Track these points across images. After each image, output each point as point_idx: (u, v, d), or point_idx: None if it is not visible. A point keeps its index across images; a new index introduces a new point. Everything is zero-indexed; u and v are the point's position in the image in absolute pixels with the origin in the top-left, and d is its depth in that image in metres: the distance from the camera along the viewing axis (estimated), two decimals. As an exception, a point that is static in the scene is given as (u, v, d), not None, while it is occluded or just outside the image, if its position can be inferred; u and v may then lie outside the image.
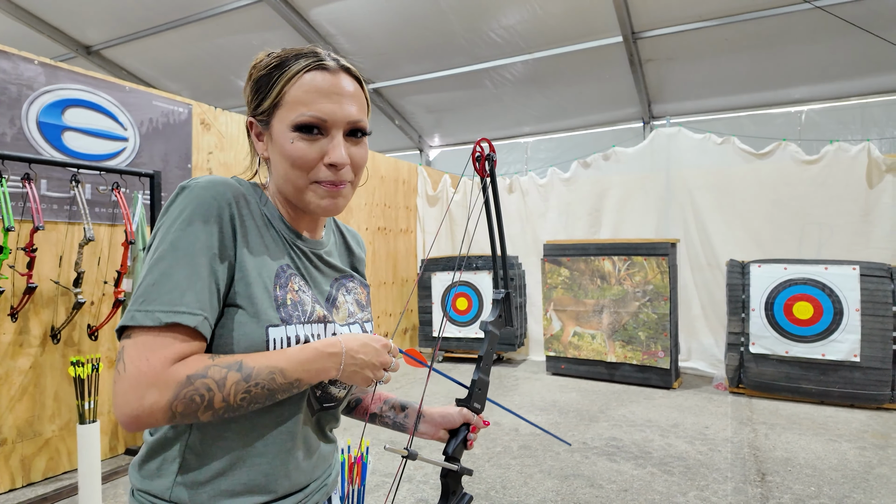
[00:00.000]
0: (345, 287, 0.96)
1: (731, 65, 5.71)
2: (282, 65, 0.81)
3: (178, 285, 0.70)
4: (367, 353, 0.81)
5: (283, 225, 0.87)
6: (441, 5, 5.39)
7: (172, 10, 5.61)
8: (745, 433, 3.51)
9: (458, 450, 0.95)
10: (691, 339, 5.20)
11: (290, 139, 0.79)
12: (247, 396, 0.72)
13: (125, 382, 0.67)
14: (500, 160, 7.51)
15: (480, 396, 0.98)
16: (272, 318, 0.77)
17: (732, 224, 4.98)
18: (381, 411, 1.05)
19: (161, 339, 0.68)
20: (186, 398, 0.68)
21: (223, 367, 0.71)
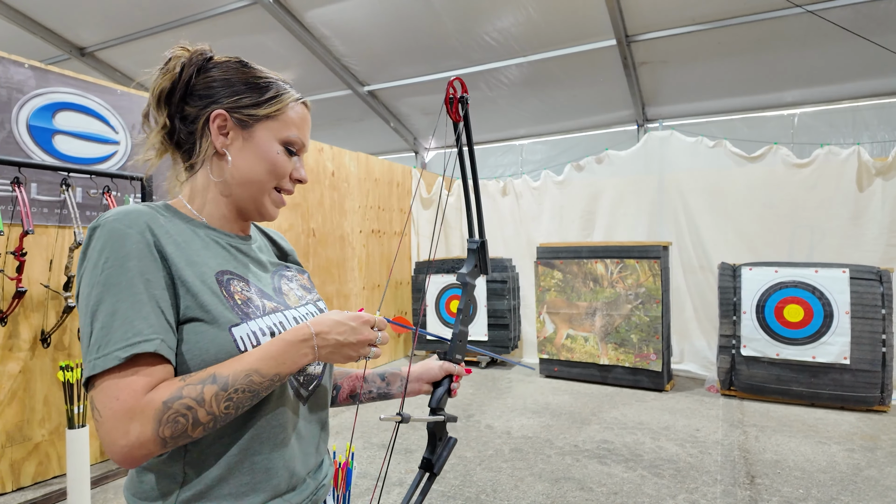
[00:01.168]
0: (285, 277, 0.99)
1: (724, 68, 5.74)
2: (280, 86, 0.91)
3: (126, 319, 0.71)
4: (342, 333, 0.82)
5: (209, 229, 0.89)
6: (435, 8, 5.40)
7: (167, 11, 5.61)
8: (735, 435, 3.53)
9: (442, 400, 0.99)
10: (684, 342, 5.22)
11: (276, 150, 0.89)
12: (231, 404, 0.73)
13: (105, 425, 0.69)
14: (496, 162, 7.52)
15: (461, 348, 1.02)
16: (232, 318, 0.79)
17: (724, 227, 5.01)
18: (362, 389, 1.09)
19: (125, 376, 0.70)
20: (170, 422, 0.69)
21: (196, 383, 0.72)
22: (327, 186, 5.03)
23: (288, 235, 4.55)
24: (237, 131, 0.88)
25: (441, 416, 0.96)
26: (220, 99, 0.87)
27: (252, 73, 0.90)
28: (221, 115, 0.87)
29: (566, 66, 6.05)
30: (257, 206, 0.91)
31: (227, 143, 0.87)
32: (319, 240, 4.92)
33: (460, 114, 1.03)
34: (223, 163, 0.89)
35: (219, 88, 0.88)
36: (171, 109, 0.89)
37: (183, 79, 0.88)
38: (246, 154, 0.88)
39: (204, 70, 0.89)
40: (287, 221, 4.55)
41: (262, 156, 0.88)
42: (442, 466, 0.96)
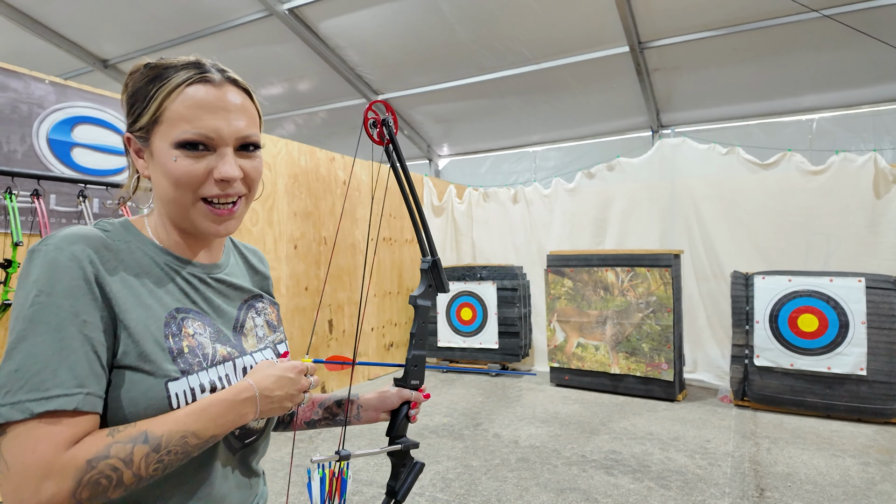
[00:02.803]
0: (254, 308, 0.91)
1: (739, 73, 5.69)
2: (160, 76, 0.75)
3: (47, 365, 0.63)
4: (283, 387, 0.79)
5: (169, 256, 0.80)
6: (448, 18, 5.46)
7: (187, 24, 5.76)
8: (746, 447, 3.48)
9: (401, 426, 0.98)
10: (697, 351, 5.16)
11: (172, 157, 0.74)
12: (160, 466, 0.67)
13: (14, 480, 0.60)
14: (509, 169, 7.54)
15: (417, 373, 1.00)
16: (170, 372, 0.72)
17: (737, 235, 4.95)
18: (319, 416, 1.04)
19: (43, 426, 0.62)
20: (91, 482, 0.62)
21: (126, 442, 0.65)
22: (339, 195, 5.10)
23: (300, 243, 4.63)
24: (145, 151, 0.79)
25: (398, 445, 0.94)
26: (127, 121, 0.81)
27: (135, 76, 0.78)
28: (126, 137, 0.80)
29: (579, 73, 6.05)
30: (190, 226, 0.79)
31: (144, 165, 0.80)
32: (331, 247, 4.98)
33: (385, 137, 0.98)
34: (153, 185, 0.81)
35: (126, 109, 0.80)
36: None
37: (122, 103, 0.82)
38: (155, 173, 0.78)
39: (124, 90, 0.81)
40: (299, 230, 4.62)
41: (162, 171, 0.76)
42: (406, 493, 0.94)
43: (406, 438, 0.96)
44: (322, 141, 7.76)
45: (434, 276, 1.00)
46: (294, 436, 0.99)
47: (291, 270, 4.53)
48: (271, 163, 4.39)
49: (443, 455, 3.37)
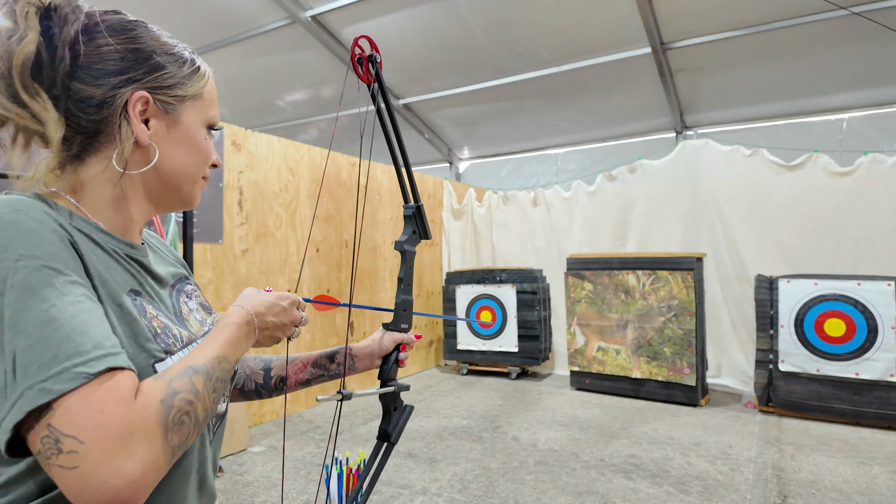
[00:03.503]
0: (184, 293, 0.84)
1: (765, 73, 5.59)
2: (194, 60, 0.77)
3: (74, 327, 0.54)
4: (276, 314, 0.79)
5: (110, 237, 0.70)
6: (468, 22, 5.49)
7: (212, 33, 5.91)
8: (770, 453, 3.42)
9: (392, 370, 0.99)
10: (721, 356, 5.08)
11: (203, 135, 0.77)
12: (215, 395, 0.64)
13: (94, 452, 0.50)
14: (530, 171, 7.53)
15: (406, 317, 1.02)
16: (154, 352, 0.66)
17: (762, 237, 4.86)
18: (312, 374, 1.03)
19: (101, 386, 0.53)
20: (175, 423, 0.57)
21: (181, 376, 0.60)
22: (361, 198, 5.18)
23: (322, 247, 4.71)
24: (160, 117, 0.72)
25: (391, 388, 0.96)
26: (135, 76, 0.69)
27: (159, 40, 0.73)
28: (144, 97, 0.70)
29: (600, 75, 6.02)
30: (184, 198, 0.78)
31: (150, 133, 0.71)
32: (352, 250, 5.05)
33: (371, 74, 0.96)
34: (141, 154, 0.71)
35: (129, 62, 0.69)
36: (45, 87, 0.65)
37: (62, 44, 0.64)
38: (172, 143, 0.73)
39: (91, 33, 0.68)
40: (321, 233, 4.70)
41: (192, 144, 0.75)
42: (399, 435, 0.97)
43: (397, 382, 0.98)
44: (344, 146, 7.87)
45: (418, 222, 1.02)
46: (285, 397, 1.01)
47: (314, 273, 4.61)
48: (294, 168, 4.48)
49: (461, 457, 3.39)
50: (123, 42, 0.70)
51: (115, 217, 0.71)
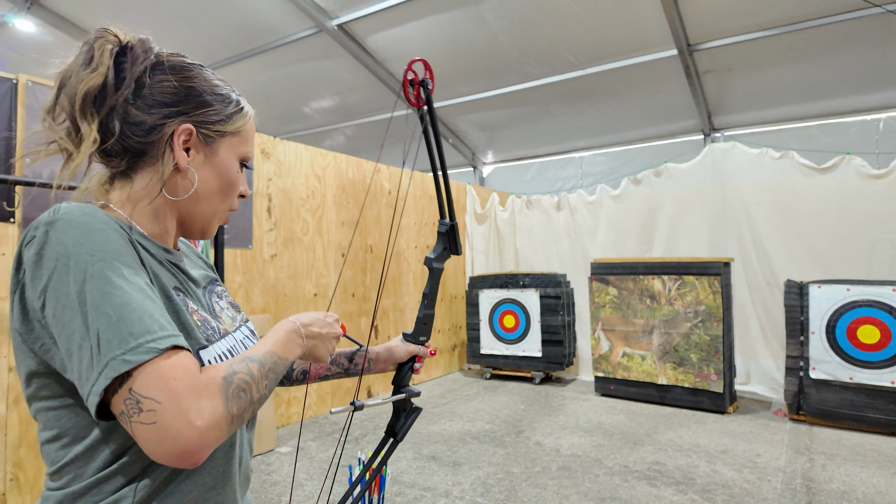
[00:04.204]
0: (215, 293, 0.93)
1: (796, 73, 5.48)
2: (238, 97, 0.87)
3: (145, 311, 0.63)
4: (321, 326, 0.85)
5: (152, 243, 0.79)
6: (492, 27, 5.52)
7: (241, 42, 6.07)
8: (800, 463, 3.35)
9: (405, 378, 1.05)
10: (750, 362, 4.98)
11: (236, 167, 0.85)
12: (268, 383, 0.72)
13: (170, 409, 0.59)
14: (554, 176, 7.52)
15: (426, 330, 1.07)
16: (200, 340, 0.75)
17: (792, 242, 4.75)
18: (331, 371, 1.12)
19: (171, 359, 0.62)
20: (234, 395, 0.65)
21: (240, 361, 0.70)
22: (384, 205, 5.25)
23: (347, 252, 4.80)
24: (200, 147, 0.81)
25: (403, 395, 1.02)
26: (185, 110, 0.80)
27: (210, 82, 0.83)
28: (188, 129, 0.79)
29: (626, 78, 5.98)
30: (204, 226, 0.86)
31: (188, 160, 0.80)
32: (376, 255, 5.13)
33: (422, 98, 0.99)
34: (179, 179, 0.81)
35: (181, 97, 0.80)
36: (104, 114, 0.75)
37: (130, 77, 0.76)
38: (206, 172, 0.82)
39: (156, 70, 0.79)
40: (346, 238, 4.79)
41: (223, 175, 0.83)
42: (405, 433, 1.03)
43: (409, 388, 1.04)
44: (370, 151, 7.98)
45: (450, 239, 1.06)
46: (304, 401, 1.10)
47: (339, 277, 4.70)
48: (321, 175, 4.58)
49: (484, 461, 3.42)
50: (180, 80, 0.80)
51: (154, 228, 0.81)
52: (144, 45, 0.79)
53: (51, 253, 0.63)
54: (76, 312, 0.61)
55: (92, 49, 0.75)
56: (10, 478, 2.70)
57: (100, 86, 0.74)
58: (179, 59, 0.82)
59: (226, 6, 5.46)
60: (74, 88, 0.74)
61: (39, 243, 0.64)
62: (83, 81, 0.73)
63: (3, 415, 2.69)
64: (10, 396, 2.72)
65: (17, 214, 2.76)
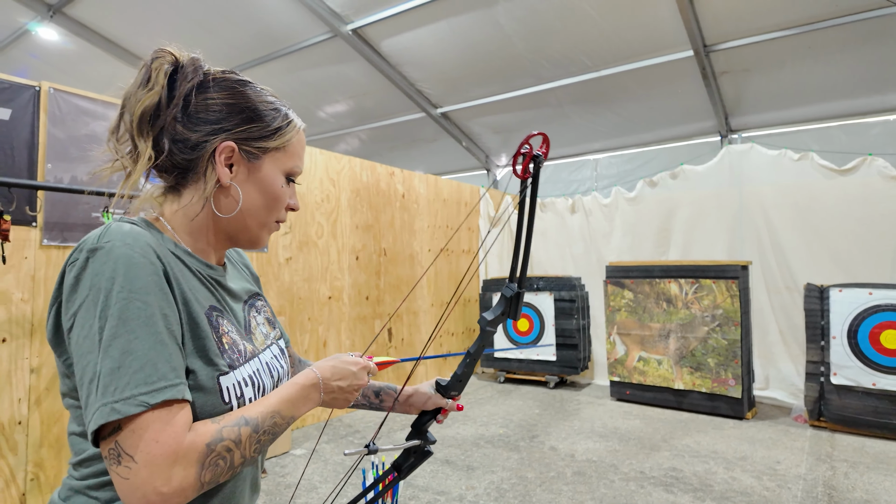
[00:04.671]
0: (255, 308, 0.95)
1: (816, 73, 5.38)
2: (285, 112, 0.87)
3: (147, 360, 0.65)
4: (344, 378, 0.84)
5: (195, 259, 0.82)
6: (506, 30, 5.52)
7: (259, 48, 6.14)
8: (821, 470, 3.28)
9: (426, 424, 1.04)
10: (769, 367, 4.90)
11: (280, 182, 0.85)
12: (258, 446, 0.73)
13: (142, 472, 0.62)
14: (569, 178, 7.47)
15: (459, 386, 1.05)
16: (221, 366, 0.76)
17: (812, 245, 4.67)
18: (357, 401, 1.12)
19: (156, 417, 0.64)
20: (211, 464, 0.67)
21: (232, 425, 0.70)
22: (398, 208, 5.26)
23: (361, 255, 4.82)
24: (242, 164, 0.82)
25: (417, 441, 1.00)
26: (227, 127, 0.81)
27: (257, 98, 0.84)
28: (230, 147, 0.81)
29: (641, 79, 5.93)
30: (252, 238, 0.87)
31: (231, 176, 0.82)
32: (390, 259, 5.14)
33: (529, 171, 0.95)
34: (223, 195, 0.82)
35: (225, 114, 0.81)
36: (156, 132, 0.79)
37: (178, 95, 0.79)
38: (250, 188, 0.83)
39: (203, 88, 0.82)
40: (360, 241, 4.81)
41: (267, 190, 0.84)
42: (409, 472, 1.02)
43: (427, 435, 1.03)
44: (384, 154, 8.02)
45: (513, 305, 1.00)
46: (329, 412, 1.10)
47: (353, 280, 4.72)
48: (335, 178, 4.60)
49: (497, 465, 3.40)
50: (225, 97, 0.82)
51: (198, 243, 0.84)
52: (194, 63, 0.82)
53: (86, 282, 0.67)
54: (93, 347, 0.65)
55: (150, 70, 0.79)
56: (30, 477, 2.75)
57: (155, 105, 0.78)
58: (227, 77, 0.84)
59: (243, 13, 5.54)
60: (133, 108, 0.78)
61: (79, 269, 0.68)
62: (140, 101, 0.77)
63: (24, 415, 2.75)
64: (32, 397, 2.78)
65: (39, 218, 2.82)
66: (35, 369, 2.79)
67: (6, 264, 2.67)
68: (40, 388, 2.81)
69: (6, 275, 2.69)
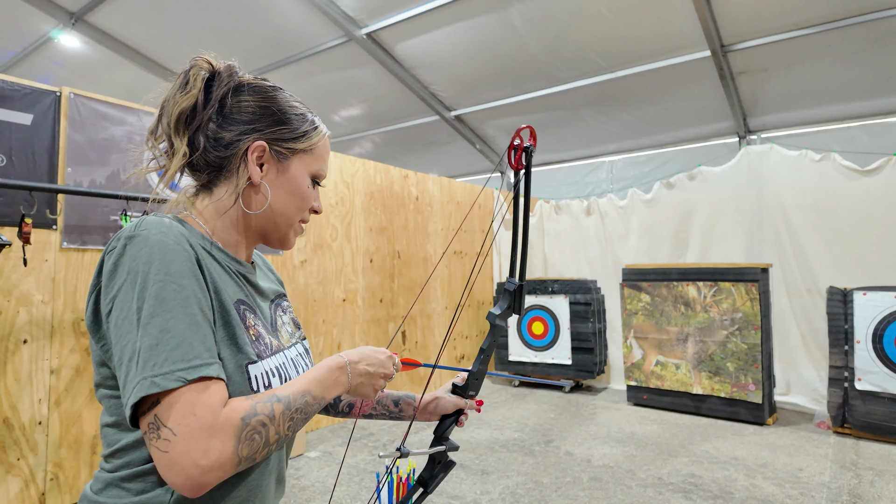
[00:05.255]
0: (281, 307, 0.97)
1: (837, 72, 5.28)
2: (312, 118, 0.92)
3: (184, 338, 0.67)
4: (371, 364, 0.87)
5: (225, 254, 0.85)
6: (520, 32, 5.50)
7: (274, 52, 6.19)
8: (846, 478, 3.19)
9: (448, 430, 1.04)
10: (790, 372, 4.80)
11: (307, 183, 0.90)
12: (291, 424, 0.74)
13: (181, 445, 0.63)
14: (584, 181, 7.42)
15: (476, 385, 1.06)
16: (250, 355, 0.78)
17: (834, 247, 4.57)
18: (376, 410, 1.14)
19: (197, 392, 0.66)
20: (248, 439, 0.68)
21: (265, 401, 0.72)
22: (412, 210, 5.26)
23: (375, 258, 4.82)
24: (272, 163, 0.86)
25: (443, 446, 1.01)
26: (259, 128, 0.86)
27: (287, 103, 0.89)
28: (262, 146, 0.85)
29: (657, 80, 5.87)
30: (280, 238, 0.91)
31: (261, 175, 0.86)
32: (404, 261, 5.14)
33: (522, 163, 1.02)
34: (253, 193, 0.86)
35: (258, 116, 0.86)
36: (192, 131, 0.84)
37: (214, 97, 0.84)
38: (278, 187, 0.87)
39: (238, 92, 0.86)
40: (374, 244, 4.81)
41: (294, 190, 0.88)
42: (436, 486, 1.02)
43: (450, 441, 1.03)
44: (398, 157, 8.03)
45: (516, 299, 1.04)
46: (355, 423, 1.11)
47: (367, 283, 4.72)
48: (349, 181, 4.62)
49: (512, 470, 3.37)
50: (259, 101, 0.87)
51: (229, 238, 0.87)
52: (230, 69, 0.87)
53: (124, 267, 0.70)
54: (132, 327, 0.67)
55: (188, 76, 0.84)
56: (50, 477, 2.78)
57: (191, 106, 0.83)
58: (259, 83, 0.89)
59: (258, 19, 5.59)
60: (171, 110, 0.83)
61: (117, 255, 0.71)
62: (178, 103, 0.82)
63: (44, 416, 2.78)
64: (52, 398, 2.81)
65: (59, 221, 2.86)
66: (55, 370, 2.83)
67: (27, 266, 2.71)
68: (60, 389, 2.84)
69: (27, 277, 2.74)
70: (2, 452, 2.64)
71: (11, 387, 2.68)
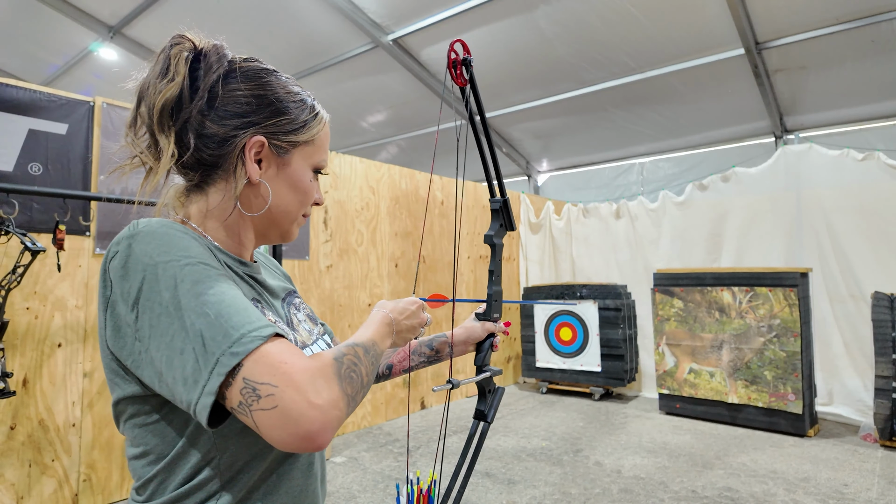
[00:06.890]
0: (293, 305, 0.92)
1: (880, 68, 5.05)
2: (312, 103, 0.83)
3: (238, 308, 0.62)
4: (408, 318, 0.89)
5: (229, 257, 0.79)
6: (546, 34, 5.44)
7: (302, 60, 6.28)
8: (895, 495, 3.02)
9: (486, 357, 1.06)
10: (833, 381, 4.58)
11: (309, 177, 0.82)
12: (371, 369, 0.71)
13: (288, 391, 0.57)
14: (613, 183, 7.27)
15: (497, 307, 1.09)
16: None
17: (879, 250, 4.35)
18: (415, 362, 1.14)
19: (278, 345, 0.61)
20: (347, 377, 0.64)
21: (345, 345, 0.70)
22: (437, 215, 5.24)
23: (400, 262, 4.81)
24: (272, 159, 0.78)
25: (487, 373, 1.02)
26: (256, 121, 0.76)
27: (285, 89, 0.79)
28: (260, 141, 0.76)
29: (688, 80, 5.72)
30: (283, 233, 0.85)
31: (260, 172, 0.78)
32: (430, 266, 5.12)
33: (465, 77, 1.02)
34: (251, 192, 0.78)
35: (253, 107, 0.76)
36: (179, 126, 0.74)
37: (203, 87, 0.74)
38: (280, 184, 0.80)
39: (229, 79, 0.76)
40: (399, 249, 4.81)
41: (296, 185, 0.81)
42: (494, 414, 1.03)
43: (491, 367, 1.04)
44: (423, 163, 8.04)
45: (504, 215, 1.07)
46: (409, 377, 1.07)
47: (393, 288, 4.71)
48: (374, 186, 4.63)
49: (540, 480, 3.29)
50: (253, 88, 0.77)
51: (229, 241, 0.80)
52: (219, 51, 0.76)
53: (136, 265, 0.63)
54: (173, 318, 0.60)
55: (168, 58, 0.73)
56: (83, 478, 2.84)
57: (176, 97, 0.73)
58: (252, 66, 0.79)
59: (288, 27, 5.68)
60: (153, 100, 0.72)
61: (124, 256, 0.64)
62: (160, 93, 0.72)
63: (78, 418, 2.85)
64: (85, 401, 2.88)
65: (92, 228, 2.93)
66: (88, 373, 2.90)
67: (61, 272, 2.78)
68: (93, 392, 2.91)
69: (62, 282, 2.81)
70: (37, 453, 2.71)
71: (47, 389, 2.75)
